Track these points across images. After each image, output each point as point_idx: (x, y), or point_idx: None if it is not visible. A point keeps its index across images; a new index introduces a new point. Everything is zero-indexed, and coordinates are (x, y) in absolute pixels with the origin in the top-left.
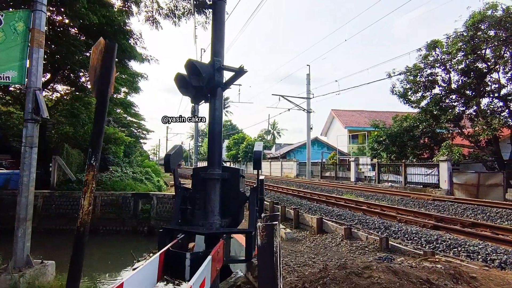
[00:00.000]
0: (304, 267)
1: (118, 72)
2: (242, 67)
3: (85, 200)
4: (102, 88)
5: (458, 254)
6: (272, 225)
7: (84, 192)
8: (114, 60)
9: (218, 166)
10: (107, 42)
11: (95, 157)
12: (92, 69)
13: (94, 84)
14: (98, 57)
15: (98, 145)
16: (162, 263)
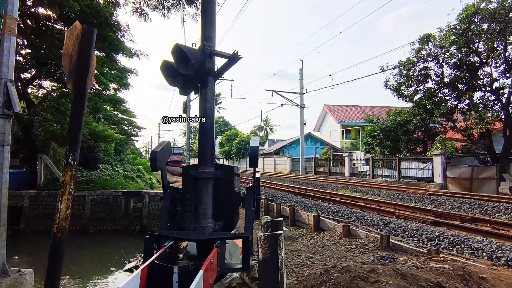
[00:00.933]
0: (302, 267)
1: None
2: (236, 52)
3: (62, 204)
4: (80, 79)
5: (462, 251)
6: (276, 235)
7: (61, 194)
8: (93, 48)
9: (211, 163)
10: (84, 27)
11: (73, 155)
12: (67, 57)
13: (70, 74)
14: (73, 44)
15: (76, 142)
16: (145, 278)
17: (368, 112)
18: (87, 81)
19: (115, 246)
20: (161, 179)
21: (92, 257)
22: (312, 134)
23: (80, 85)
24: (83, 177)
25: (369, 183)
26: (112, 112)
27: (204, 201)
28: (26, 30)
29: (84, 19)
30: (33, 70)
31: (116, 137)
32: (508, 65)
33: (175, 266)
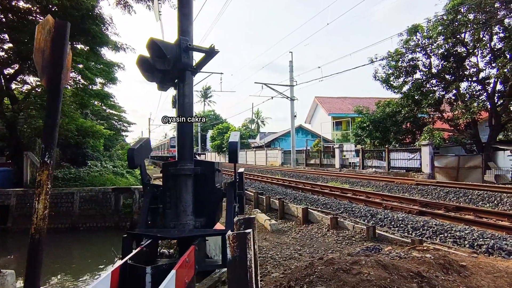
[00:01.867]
0: (290, 260)
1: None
2: (213, 46)
3: (40, 203)
4: (54, 75)
5: (445, 240)
6: (245, 233)
7: (38, 194)
8: (67, 42)
9: (190, 160)
10: (56, 21)
11: (49, 153)
12: (39, 52)
13: (43, 70)
14: (46, 38)
15: (52, 140)
16: (117, 280)
17: (358, 104)
18: (62, 77)
19: (106, 243)
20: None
21: (82, 255)
22: (303, 126)
23: (54, 81)
24: (71, 174)
25: (359, 174)
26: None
27: (184, 198)
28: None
29: (65, 12)
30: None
31: (104, 133)
32: (494, 55)
33: (148, 267)
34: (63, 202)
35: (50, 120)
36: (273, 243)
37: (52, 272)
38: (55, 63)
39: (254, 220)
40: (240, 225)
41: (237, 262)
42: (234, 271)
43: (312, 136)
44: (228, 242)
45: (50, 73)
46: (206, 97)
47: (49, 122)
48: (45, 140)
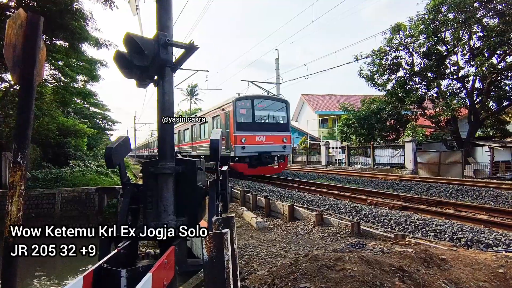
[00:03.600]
0: (276, 257)
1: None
2: (193, 42)
3: (13, 206)
4: (26, 71)
5: (426, 234)
6: (221, 233)
7: (11, 196)
8: (40, 37)
9: (171, 158)
10: (29, 15)
11: (21, 153)
12: (9, 47)
13: (14, 66)
14: (17, 33)
15: (24, 140)
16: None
17: (344, 101)
18: (35, 73)
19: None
20: (119, 176)
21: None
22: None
23: (27, 77)
24: (52, 174)
25: (345, 171)
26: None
27: (165, 197)
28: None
29: (43, 7)
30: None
31: (87, 132)
32: (473, 54)
33: (123, 270)
34: (44, 203)
35: (23, 118)
36: (259, 240)
37: (32, 276)
38: (27, 59)
39: (233, 220)
40: (218, 224)
41: (214, 263)
42: (211, 272)
43: (299, 133)
44: (204, 243)
45: (22, 69)
46: (192, 95)
47: (22, 120)
48: (18, 139)
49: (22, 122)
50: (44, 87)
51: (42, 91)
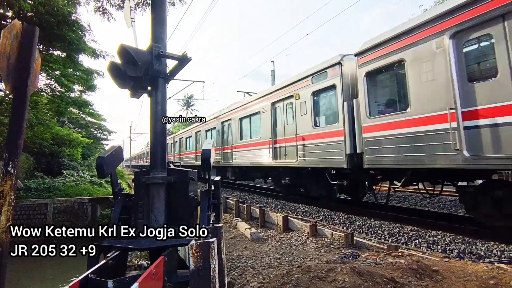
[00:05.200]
0: (269, 269)
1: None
2: (186, 54)
3: (2, 215)
4: (20, 81)
5: (419, 245)
6: (208, 243)
7: (0, 205)
8: (35, 47)
9: (162, 168)
10: (25, 26)
11: (12, 163)
12: (4, 57)
13: (8, 76)
14: (12, 43)
15: (16, 149)
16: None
17: None
18: (28, 83)
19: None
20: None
21: (55, 270)
22: None
23: (20, 87)
24: (45, 184)
25: None
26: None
27: (156, 207)
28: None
29: (40, 18)
30: None
31: (82, 141)
32: None
33: (110, 280)
34: (35, 214)
35: (15, 128)
36: (253, 252)
37: (32, 276)
38: (21, 69)
39: (221, 229)
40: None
41: (200, 272)
42: (197, 281)
43: None
44: (190, 252)
45: (16, 79)
46: (188, 105)
47: (14, 130)
48: (9, 148)
49: (14, 132)
50: (39, 96)
51: (38, 100)
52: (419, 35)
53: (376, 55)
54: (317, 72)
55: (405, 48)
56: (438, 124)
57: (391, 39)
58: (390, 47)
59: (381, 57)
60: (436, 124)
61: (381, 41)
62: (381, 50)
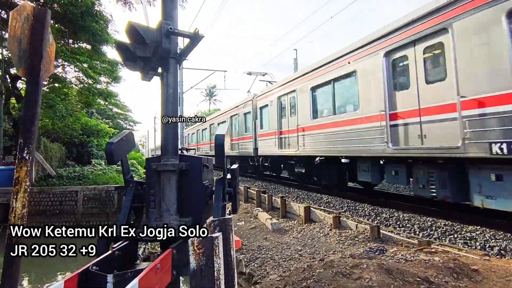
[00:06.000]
0: (289, 261)
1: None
2: (197, 30)
3: (18, 202)
4: (32, 65)
5: (454, 241)
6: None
7: (16, 192)
8: (48, 30)
9: (174, 155)
10: (36, 7)
11: (27, 149)
12: (14, 41)
13: (20, 60)
14: (23, 26)
15: (31, 135)
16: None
17: None
18: (41, 67)
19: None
20: (122, 173)
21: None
22: None
23: (33, 72)
24: (76, 172)
25: None
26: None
27: (167, 196)
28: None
29: (65, 9)
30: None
31: (109, 132)
32: None
33: (109, 275)
34: (67, 201)
35: (29, 114)
36: (274, 243)
37: (57, 272)
38: (34, 53)
39: (230, 221)
40: (214, 227)
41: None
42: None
43: None
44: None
45: (29, 63)
46: (211, 95)
47: (28, 116)
48: (24, 134)
49: (28, 118)
50: (69, 89)
51: (68, 92)
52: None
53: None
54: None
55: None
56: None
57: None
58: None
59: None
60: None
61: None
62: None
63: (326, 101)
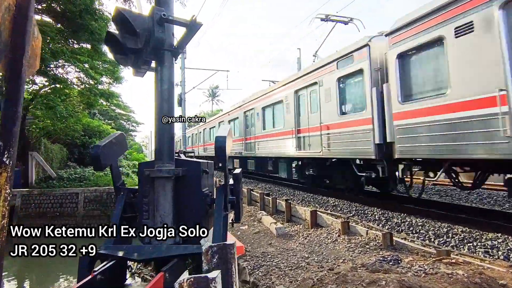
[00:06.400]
0: (296, 270)
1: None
2: (195, 18)
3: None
4: (14, 59)
5: (474, 250)
6: (206, 280)
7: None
8: (31, 22)
9: (169, 159)
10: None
11: (8, 153)
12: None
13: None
14: (3, 17)
15: (12, 137)
16: None
17: None
18: (24, 62)
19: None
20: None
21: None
22: None
23: (15, 67)
24: (76, 174)
25: None
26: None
27: (162, 205)
28: None
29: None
30: None
31: (111, 132)
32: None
33: None
34: (67, 203)
35: (9, 113)
36: (279, 249)
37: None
38: (15, 47)
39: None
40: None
41: None
42: None
43: None
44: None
45: (9, 58)
46: (214, 96)
47: (9, 115)
48: (4, 136)
49: (9, 117)
50: (71, 89)
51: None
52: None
53: (411, 33)
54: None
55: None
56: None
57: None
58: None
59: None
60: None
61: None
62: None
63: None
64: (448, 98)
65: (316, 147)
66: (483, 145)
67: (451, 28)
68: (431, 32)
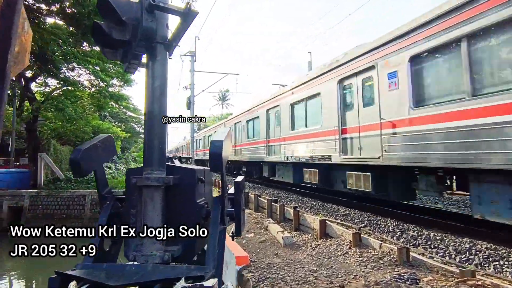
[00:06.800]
0: (303, 284)
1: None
2: (189, 5)
3: None
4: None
5: (501, 270)
6: None
7: None
8: (19, 15)
9: (160, 166)
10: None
11: None
12: None
13: None
14: None
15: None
16: None
17: None
18: (9, 57)
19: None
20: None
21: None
22: None
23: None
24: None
25: None
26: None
27: (150, 217)
28: None
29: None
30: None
31: (121, 135)
32: None
33: None
34: (74, 205)
35: None
36: (286, 260)
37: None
38: (2, 40)
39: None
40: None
41: None
42: None
43: None
44: None
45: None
46: (224, 100)
47: None
48: None
49: None
50: (82, 92)
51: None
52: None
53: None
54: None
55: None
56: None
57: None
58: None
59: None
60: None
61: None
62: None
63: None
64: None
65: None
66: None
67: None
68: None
